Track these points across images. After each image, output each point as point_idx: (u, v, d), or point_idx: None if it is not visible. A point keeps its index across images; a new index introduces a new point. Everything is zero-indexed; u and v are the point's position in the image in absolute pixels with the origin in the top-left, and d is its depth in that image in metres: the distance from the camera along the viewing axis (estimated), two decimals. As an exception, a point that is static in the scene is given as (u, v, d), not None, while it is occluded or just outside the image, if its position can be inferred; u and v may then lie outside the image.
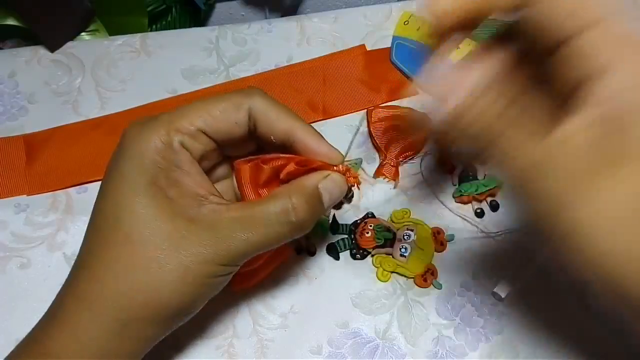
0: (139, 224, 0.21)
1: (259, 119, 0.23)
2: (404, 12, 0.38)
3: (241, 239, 0.21)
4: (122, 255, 0.21)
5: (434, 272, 0.30)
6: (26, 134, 0.34)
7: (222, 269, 0.22)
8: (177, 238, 0.21)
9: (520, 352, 0.28)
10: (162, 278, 0.21)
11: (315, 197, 0.22)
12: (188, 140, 0.22)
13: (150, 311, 0.21)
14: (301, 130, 0.23)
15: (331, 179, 0.23)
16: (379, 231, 0.30)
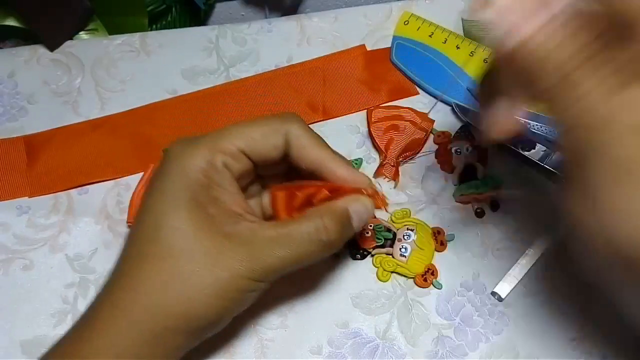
0: (179, 238, 0.22)
1: (293, 145, 0.24)
2: (405, 12, 0.38)
3: (275, 255, 0.22)
4: (161, 267, 0.22)
5: (434, 272, 0.30)
6: (26, 135, 0.34)
7: (254, 284, 0.22)
8: (214, 253, 0.22)
9: (520, 352, 0.28)
10: (199, 291, 0.22)
11: (346, 218, 0.23)
12: (230, 161, 0.24)
13: (185, 322, 0.22)
14: (331, 162, 0.24)
15: (361, 202, 0.24)
16: (379, 231, 0.30)
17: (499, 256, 0.31)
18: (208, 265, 0.22)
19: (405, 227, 0.31)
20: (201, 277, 0.22)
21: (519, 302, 0.30)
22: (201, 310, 0.22)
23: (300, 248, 0.22)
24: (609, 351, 0.29)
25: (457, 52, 0.36)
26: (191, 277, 0.21)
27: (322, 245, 0.23)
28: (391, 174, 0.33)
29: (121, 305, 0.22)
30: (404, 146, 0.33)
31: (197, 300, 0.22)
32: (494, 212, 0.32)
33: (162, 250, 0.22)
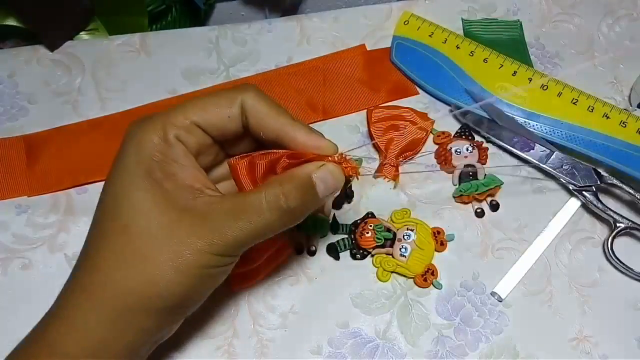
0: (135, 215, 0.21)
1: (250, 115, 0.23)
2: (404, 12, 0.38)
3: (234, 227, 0.21)
4: (119, 245, 0.21)
5: (434, 272, 0.30)
6: (26, 134, 0.34)
7: (217, 259, 0.21)
8: (171, 229, 0.21)
9: (520, 352, 0.28)
10: (157, 268, 0.21)
11: (308, 184, 0.22)
12: (183, 134, 0.23)
13: (147, 301, 0.21)
14: (290, 127, 0.23)
15: (325, 168, 0.22)
16: (379, 231, 0.30)
17: (499, 256, 0.31)
18: (165, 241, 0.21)
19: (405, 227, 0.31)
20: (159, 254, 0.21)
21: (518, 302, 0.30)
22: (163, 288, 0.21)
23: (260, 218, 0.21)
24: (608, 351, 0.28)
25: (457, 51, 0.36)
26: (149, 254, 0.21)
27: (283, 214, 0.22)
28: (391, 173, 0.33)
29: (83, 287, 0.22)
30: (403, 146, 0.33)
31: (156, 278, 0.21)
32: (493, 212, 0.32)
33: (119, 227, 0.21)
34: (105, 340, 0.21)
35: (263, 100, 0.23)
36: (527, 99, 0.34)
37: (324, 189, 0.22)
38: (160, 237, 0.21)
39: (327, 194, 0.23)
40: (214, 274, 0.22)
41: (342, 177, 0.23)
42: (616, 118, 0.33)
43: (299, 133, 0.23)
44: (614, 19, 0.39)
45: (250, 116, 0.23)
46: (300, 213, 0.22)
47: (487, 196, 0.32)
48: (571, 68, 0.37)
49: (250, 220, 0.21)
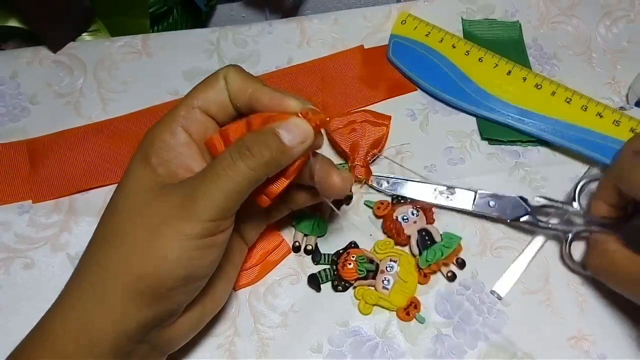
0: (123, 198, 0.23)
1: (229, 87, 0.24)
2: (402, 12, 0.38)
3: (205, 189, 0.21)
4: (112, 229, 0.22)
5: (417, 306, 0.29)
6: (29, 139, 0.34)
7: (199, 226, 0.21)
8: (152, 206, 0.22)
9: (519, 351, 0.29)
10: (145, 247, 0.21)
11: (270, 136, 0.22)
12: (186, 123, 0.24)
13: (144, 283, 0.21)
14: (257, 91, 0.23)
15: (290, 121, 0.23)
16: (361, 262, 0.30)
17: (498, 254, 0.31)
18: (149, 218, 0.21)
19: (388, 258, 0.30)
20: (143, 231, 0.21)
21: (517, 301, 0.30)
22: (152, 266, 0.21)
23: (229, 174, 0.21)
24: (607, 350, 0.29)
25: (452, 50, 0.36)
26: (137, 234, 0.21)
27: (252, 166, 0.22)
28: (362, 173, 0.32)
29: (85, 275, 0.22)
30: (369, 145, 0.33)
31: (146, 257, 0.21)
32: (461, 270, 0.30)
33: (110, 212, 0.23)
34: (105, 329, 0.21)
35: (239, 72, 0.24)
36: (521, 97, 0.35)
37: (289, 138, 0.22)
38: (145, 216, 0.22)
39: (295, 143, 0.22)
40: (203, 244, 0.22)
41: (308, 127, 0.23)
42: (609, 117, 0.34)
43: (264, 95, 0.23)
44: (611, 20, 0.39)
45: (229, 88, 0.24)
46: (271, 163, 0.22)
47: (453, 257, 0.30)
48: (569, 69, 0.37)
49: (219, 178, 0.21)
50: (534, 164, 0.34)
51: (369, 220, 0.32)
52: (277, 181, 0.24)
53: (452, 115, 0.36)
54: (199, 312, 0.25)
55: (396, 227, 0.31)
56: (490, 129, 0.35)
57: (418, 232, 0.31)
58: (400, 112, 0.35)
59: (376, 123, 0.33)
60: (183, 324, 0.24)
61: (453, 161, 0.34)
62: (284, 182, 0.24)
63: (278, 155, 0.22)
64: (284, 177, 0.24)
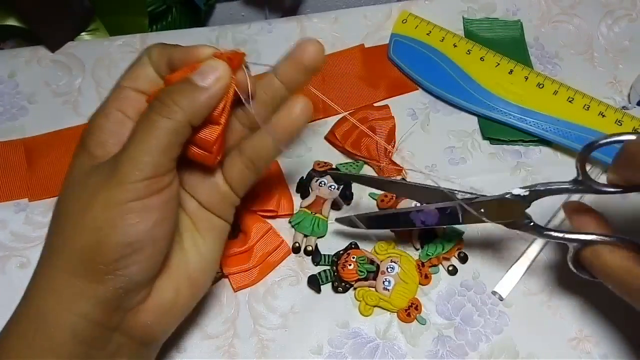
0: (67, 184, 0.23)
1: (152, 62, 0.24)
2: (403, 11, 0.38)
3: (127, 153, 0.21)
4: (54, 216, 0.23)
5: (417, 307, 0.29)
6: (26, 138, 0.34)
7: (128, 189, 0.21)
8: (86, 182, 0.22)
9: (521, 352, 0.28)
10: (80, 221, 0.21)
11: (184, 82, 0.22)
12: (118, 103, 0.24)
13: (86, 257, 0.21)
14: (173, 52, 0.23)
15: (201, 65, 0.22)
16: (361, 263, 0.29)
17: (500, 255, 0.31)
18: (87, 195, 0.21)
19: (389, 259, 0.30)
20: (80, 206, 0.21)
21: (519, 302, 0.30)
22: (94, 237, 0.21)
23: (145, 133, 0.21)
24: (609, 351, 0.28)
25: (454, 49, 0.36)
26: (76, 209, 0.21)
27: (166, 118, 0.21)
28: (395, 172, 0.32)
29: (46, 253, 0.22)
30: (384, 140, 0.32)
31: (85, 228, 0.21)
32: (463, 264, 0.30)
33: (60, 194, 0.23)
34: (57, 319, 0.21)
35: (159, 45, 0.24)
36: (523, 96, 0.34)
37: (202, 78, 0.22)
38: (78, 193, 0.22)
39: (210, 82, 0.22)
40: (136, 207, 0.21)
41: (220, 64, 0.22)
42: (612, 117, 0.33)
43: (177, 53, 0.23)
44: (613, 19, 0.39)
45: (152, 62, 0.24)
46: (188, 108, 0.21)
47: (455, 251, 0.30)
48: (570, 68, 0.37)
49: (137, 136, 0.21)
50: (536, 164, 0.34)
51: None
52: (205, 129, 0.22)
53: (454, 115, 0.35)
54: (172, 294, 0.24)
55: None
56: (491, 128, 0.34)
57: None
58: (401, 112, 0.35)
59: (382, 117, 0.33)
60: (154, 306, 0.23)
61: (454, 161, 0.34)
62: (213, 129, 0.22)
63: (194, 100, 0.21)
64: (211, 123, 0.22)
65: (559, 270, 0.31)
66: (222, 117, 0.22)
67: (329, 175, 0.32)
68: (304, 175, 0.33)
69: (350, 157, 0.34)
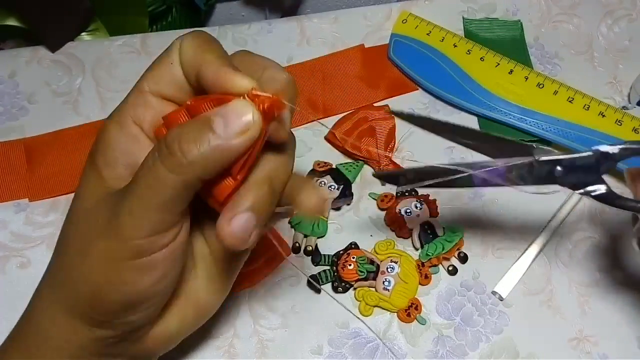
0: (73, 207, 0.20)
1: (183, 63, 0.19)
2: (403, 11, 0.38)
3: (127, 205, 0.18)
4: (59, 242, 0.21)
5: (417, 307, 0.29)
6: (27, 137, 0.34)
7: (126, 247, 0.18)
8: (88, 219, 0.19)
9: (521, 352, 0.28)
10: (77, 269, 0.19)
11: (201, 126, 0.17)
12: (136, 111, 0.20)
13: (83, 307, 0.19)
14: (205, 65, 0.18)
15: (227, 105, 0.17)
16: (361, 263, 0.29)
17: (499, 255, 0.31)
18: (86, 238, 0.19)
19: (389, 259, 0.30)
20: (82, 255, 0.19)
21: (519, 302, 0.30)
22: (97, 293, 0.19)
23: (148, 186, 0.17)
24: (609, 351, 0.28)
25: (454, 50, 0.36)
26: (80, 248, 0.19)
27: (171, 172, 0.17)
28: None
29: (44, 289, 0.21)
30: (384, 140, 0.32)
31: (84, 274, 0.19)
32: (463, 264, 0.30)
33: (66, 222, 0.20)
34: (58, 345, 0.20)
35: (195, 39, 0.19)
36: (523, 96, 0.34)
37: (224, 125, 0.17)
38: (80, 230, 0.19)
39: (233, 133, 0.17)
40: (136, 266, 0.18)
41: (251, 112, 0.17)
42: (612, 116, 0.33)
43: (208, 71, 0.18)
44: (613, 19, 0.39)
45: (182, 62, 0.19)
46: (199, 162, 0.17)
47: (455, 251, 0.30)
48: (570, 68, 0.37)
49: (139, 187, 0.18)
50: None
51: (370, 221, 0.32)
52: (223, 182, 0.18)
53: (454, 115, 0.35)
54: (177, 322, 0.22)
55: (399, 221, 0.31)
56: (491, 128, 0.34)
57: (421, 225, 0.31)
58: (401, 112, 0.35)
59: (382, 117, 0.33)
60: (158, 336, 0.22)
61: (454, 161, 0.34)
62: (227, 184, 0.18)
63: (210, 152, 0.17)
64: (230, 177, 0.18)
65: (559, 270, 0.31)
66: (241, 174, 0.18)
67: (328, 175, 0.32)
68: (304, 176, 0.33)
69: (350, 157, 0.34)
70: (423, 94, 0.36)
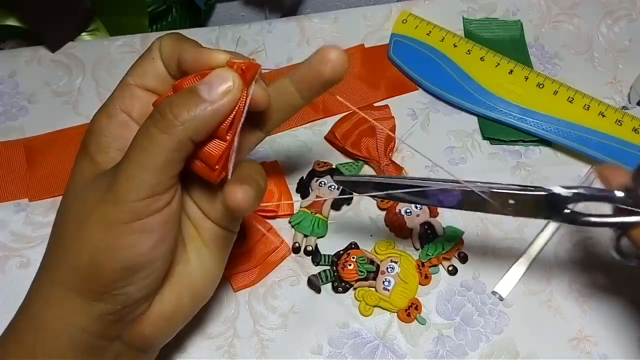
0: (67, 193, 0.22)
1: (163, 57, 0.22)
2: (403, 11, 0.38)
3: (124, 169, 0.19)
4: (54, 227, 0.22)
5: (417, 307, 0.29)
6: (26, 138, 0.34)
7: (124, 209, 0.19)
8: (84, 195, 0.20)
9: (521, 352, 0.28)
10: (76, 239, 0.20)
11: (187, 93, 0.20)
12: (123, 102, 0.22)
13: (82, 277, 0.20)
14: (184, 51, 0.20)
15: (209, 74, 0.20)
16: (361, 263, 0.29)
17: (499, 255, 0.31)
18: (84, 210, 0.20)
19: (389, 259, 0.30)
20: (80, 221, 0.20)
21: (519, 302, 0.30)
22: (96, 260, 0.19)
23: (143, 149, 0.19)
24: (609, 351, 0.28)
25: (454, 50, 0.36)
26: (76, 224, 0.20)
27: (165, 134, 0.19)
28: (396, 172, 0.32)
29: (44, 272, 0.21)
30: (384, 140, 0.32)
31: (83, 247, 0.20)
32: (463, 264, 0.30)
33: (59, 209, 0.22)
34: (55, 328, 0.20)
35: (172, 37, 0.21)
36: (523, 96, 0.34)
37: (207, 89, 0.19)
38: (75, 206, 0.21)
39: (217, 95, 0.19)
40: (133, 229, 0.19)
41: (231, 75, 0.19)
42: (612, 116, 0.33)
43: (188, 54, 0.20)
44: (613, 19, 0.39)
45: (162, 57, 0.22)
46: (190, 122, 0.19)
47: (455, 251, 0.30)
48: (570, 68, 0.37)
49: (135, 151, 0.19)
50: (536, 164, 0.34)
51: (370, 221, 0.32)
52: (210, 143, 0.20)
53: (454, 115, 0.35)
54: (173, 305, 0.23)
55: (399, 221, 0.30)
56: (491, 128, 0.34)
57: (421, 225, 0.30)
58: (401, 112, 0.35)
59: (382, 117, 0.33)
60: (154, 318, 0.22)
61: (454, 161, 0.34)
62: (218, 145, 0.20)
63: (197, 115, 0.19)
64: (216, 138, 0.20)
65: (559, 270, 0.31)
66: (229, 134, 0.20)
67: (328, 175, 0.32)
68: (304, 176, 0.33)
69: (350, 157, 0.34)
70: (423, 94, 0.36)
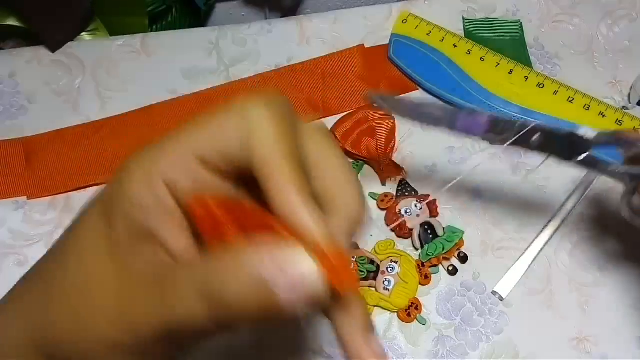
0: (68, 241, 0.17)
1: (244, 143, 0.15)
2: (402, 11, 0.38)
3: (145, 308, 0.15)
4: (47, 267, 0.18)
5: (418, 307, 0.29)
6: (26, 137, 0.34)
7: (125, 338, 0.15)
8: (89, 271, 0.16)
9: (521, 352, 0.28)
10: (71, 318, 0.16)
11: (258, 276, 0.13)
12: (174, 174, 0.15)
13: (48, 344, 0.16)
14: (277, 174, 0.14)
15: (295, 268, 0.13)
16: (361, 263, 0.29)
17: (499, 255, 0.31)
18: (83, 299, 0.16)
19: (389, 259, 0.30)
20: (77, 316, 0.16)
21: (519, 302, 0.29)
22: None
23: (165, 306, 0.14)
24: (609, 351, 0.28)
25: (454, 50, 0.36)
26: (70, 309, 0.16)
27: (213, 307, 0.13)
28: (395, 172, 0.32)
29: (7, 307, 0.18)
30: (384, 140, 0.32)
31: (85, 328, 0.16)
32: (463, 264, 0.30)
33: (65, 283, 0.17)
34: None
35: (271, 122, 0.14)
36: (523, 96, 0.34)
37: (286, 293, 0.13)
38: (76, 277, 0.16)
39: (292, 303, 0.13)
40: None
41: (319, 287, 0.13)
42: (612, 116, 0.33)
43: (281, 194, 0.14)
44: (613, 19, 0.39)
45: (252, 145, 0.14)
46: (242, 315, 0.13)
47: (455, 251, 0.30)
48: (570, 68, 0.37)
49: (166, 303, 0.14)
50: (536, 164, 0.34)
51: (370, 221, 0.32)
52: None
53: (453, 115, 0.35)
54: None
55: (398, 220, 0.31)
56: (491, 128, 0.34)
57: (421, 225, 0.30)
58: (401, 111, 0.35)
59: (382, 117, 0.33)
60: None
61: (454, 161, 0.34)
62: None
63: (258, 311, 0.13)
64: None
65: (560, 270, 0.31)
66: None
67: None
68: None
69: (350, 157, 0.34)
70: (423, 94, 0.36)
